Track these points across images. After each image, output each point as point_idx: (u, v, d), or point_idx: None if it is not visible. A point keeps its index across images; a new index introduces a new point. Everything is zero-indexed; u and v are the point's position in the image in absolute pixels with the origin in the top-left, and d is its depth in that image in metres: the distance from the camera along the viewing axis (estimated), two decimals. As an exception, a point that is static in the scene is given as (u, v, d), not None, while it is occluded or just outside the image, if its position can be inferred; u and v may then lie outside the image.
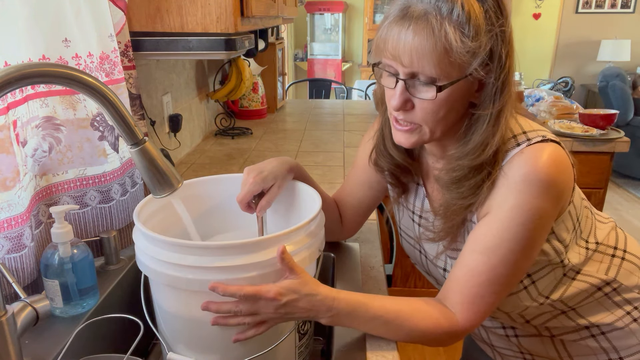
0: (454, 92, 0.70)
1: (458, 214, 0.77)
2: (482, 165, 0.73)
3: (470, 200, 0.75)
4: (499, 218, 0.72)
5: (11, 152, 0.76)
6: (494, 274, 0.73)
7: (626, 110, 4.25)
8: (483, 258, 0.73)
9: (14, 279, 0.70)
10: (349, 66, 5.85)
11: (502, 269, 0.72)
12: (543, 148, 0.71)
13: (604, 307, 0.84)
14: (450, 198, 0.76)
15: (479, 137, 0.72)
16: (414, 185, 0.90)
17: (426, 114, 0.72)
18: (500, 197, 0.72)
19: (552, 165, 0.70)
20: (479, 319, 0.75)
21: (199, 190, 0.91)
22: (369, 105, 2.77)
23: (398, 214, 0.96)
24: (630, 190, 4.17)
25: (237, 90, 2.07)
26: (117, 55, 1.01)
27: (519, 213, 0.71)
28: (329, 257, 1.04)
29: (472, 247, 0.75)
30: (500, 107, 0.71)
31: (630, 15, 5.30)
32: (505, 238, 0.72)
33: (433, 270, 0.91)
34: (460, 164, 0.74)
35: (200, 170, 1.64)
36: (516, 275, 0.74)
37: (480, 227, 0.75)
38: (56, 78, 0.58)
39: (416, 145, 0.77)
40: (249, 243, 0.67)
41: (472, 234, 0.76)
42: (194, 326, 0.71)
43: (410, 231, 0.93)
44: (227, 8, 1.09)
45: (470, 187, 0.74)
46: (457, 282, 0.75)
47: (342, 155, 1.82)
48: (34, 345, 0.74)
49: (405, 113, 0.74)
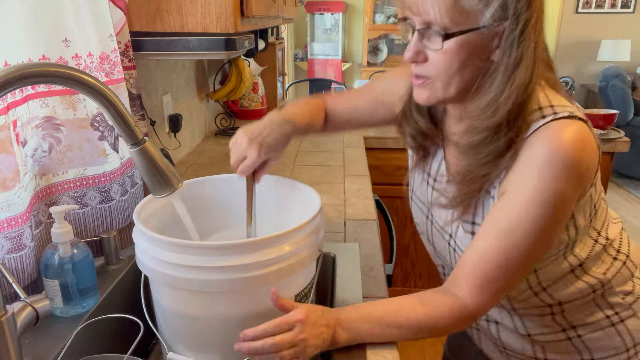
0: (467, 45, 0.68)
1: (475, 182, 0.74)
2: (500, 129, 0.69)
3: (489, 169, 0.72)
4: (516, 199, 0.69)
5: (11, 152, 0.76)
6: (505, 258, 0.70)
7: (626, 111, 4.25)
8: (495, 241, 0.70)
9: (14, 279, 0.71)
10: (349, 66, 5.85)
11: (515, 252, 0.70)
12: (568, 125, 0.68)
13: (588, 308, 0.83)
14: (468, 164, 0.73)
15: (491, 94, 0.69)
16: (434, 148, 0.88)
17: (438, 67, 0.70)
18: (520, 176, 0.69)
19: (577, 143, 0.67)
20: (489, 303, 0.73)
21: (199, 190, 0.91)
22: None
23: (413, 177, 0.95)
24: (630, 190, 4.17)
25: (237, 90, 2.07)
26: (117, 55, 1.01)
27: (539, 194, 0.67)
28: (329, 257, 1.04)
29: (485, 229, 0.73)
30: (515, 60, 0.67)
31: (630, 15, 5.29)
32: (521, 221, 0.69)
33: (438, 241, 0.89)
34: (476, 126, 0.71)
35: (200, 170, 1.64)
36: (530, 260, 0.72)
37: (496, 209, 0.72)
38: (56, 78, 0.58)
39: (431, 102, 0.75)
40: (249, 243, 0.67)
41: (487, 215, 0.74)
42: (194, 326, 0.71)
43: (423, 196, 0.92)
44: (227, 8, 1.09)
45: (489, 154, 0.70)
46: (468, 265, 0.73)
47: (342, 155, 1.82)
48: (34, 345, 0.74)
49: (419, 66, 0.73)
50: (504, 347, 0.91)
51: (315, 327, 0.69)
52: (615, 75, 4.38)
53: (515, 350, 0.89)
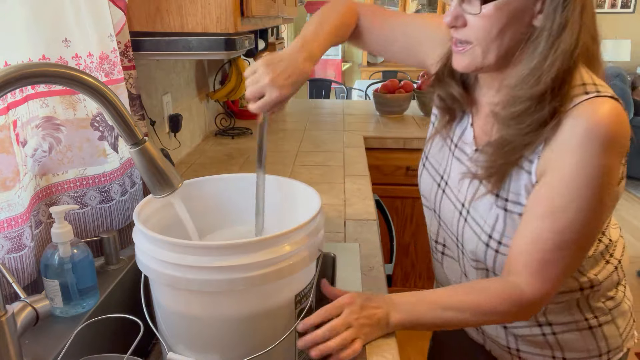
0: (507, 9, 0.67)
1: (514, 152, 0.72)
2: (544, 98, 0.67)
3: (531, 139, 0.70)
4: (562, 177, 0.68)
5: (11, 152, 0.76)
6: (561, 239, 0.69)
7: (626, 110, 4.25)
8: (548, 223, 0.69)
9: (14, 279, 0.70)
10: (349, 66, 5.85)
11: (570, 232, 0.69)
12: (607, 101, 0.68)
13: (569, 308, 0.83)
14: (509, 135, 0.71)
15: (534, 61, 0.67)
16: (461, 114, 0.87)
17: (477, 31, 0.70)
18: (562, 154, 0.68)
19: (615, 118, 0.66)
20: (550, 288, 0.72)
21: (199, 190, 0.91)
22: (369, 105, 2.77)
23: (430, 144, 0.94)
24: (630, 190, 4.17)
25: (237, 90, 2.07)
26: (116, 55, 1.01)
27: (584, 170, 0.67)
28: (329, 257, 1.04)
29: (534, 213, 0.71)
30: (560, 25, 0.65)
31: (630, 15, 5.30)
32: (571, 198, 0.68)
33: (446, 211, 0.88)
34: (517, 96, 0.69)
35: (200, 170, 1.64)
36: (587, 237, 0.71)
37: (541, 190, 0.71)
38: (56, 78, 0.58)
39: (470, 69, 0.74)
40: (249, 243, 0.67)
41: (532, 198, 0.72)
42: (194, 326, 0.71)
43: (440, 162, 0.91)
44: (227, 8, 1.09)
45: (531, 124, 0.69)
46: (522, 252, 0.72)
47: (342, 155, 1.82)
48: (34, 345, 0.74)
49: (458, 31, 0.72)
50: (482, 329, 0.92)
51: (364, 309, 0.73)
52: (615, 75, 4.37)
53: (489, 336, 0.91)
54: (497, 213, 0.77)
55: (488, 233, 0.78)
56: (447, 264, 0.95)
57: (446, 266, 0.95)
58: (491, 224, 0.78)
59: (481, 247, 0.80)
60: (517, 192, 0.75)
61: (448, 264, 0.94)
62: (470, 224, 0.82)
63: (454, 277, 0.93)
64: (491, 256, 0.79)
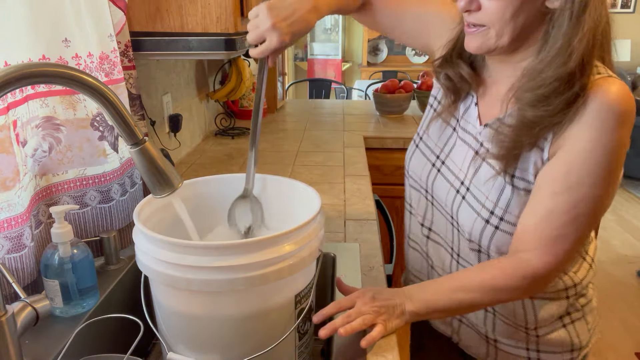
0: None
1: (541, 132, 0.73)
2: (573, 76, 0.68)
3: (559, 118, 0.71)
4: (578, 152, 0.70)
5: (11, 152, 0.76)
6: (575, 213, 0.71)
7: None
8: (564, 197, 0.71)
9: (14, 279, 0.70)
10: (349, 66, 5.85)
11: (584, 207, 0.71)
12: (614, 80, 0.71)
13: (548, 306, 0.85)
14: (535, 116, 0.72)
15: (560, 39, 0.68)
16: (465, 94, 0.89)
17: (492, 14, 0.72)
18: (573, 131, 0.70)
19: (627, 95, 0.69)
20: (560, 262, 0.73)
21: (199, 190, 0.91)
22: (369, 105, 2.77)
23: (427, 125, 0.96)
24: (630, 190, 4.17)
25: (237, 90, 2.07)
26: (116, 55, 1.01)
27: (601, 144, 0.69)
28: (329, 257, 1.04)
29: (548, 190, 0.73)
30: (581, 4, 0.67)
31: (630, 15, 5.29)
32: (587, 172, 0.70)
33: (440, 189, 0.89)
34: (545, 77, 0.70)
35: (200, 170, 1.64)
36: (598, 213, 0.73)
37: (554, 166, 0.72)
38: (56, 78, 0.58)
39: (483, 50, 0.76)
40: (249, 243, 0.67)
41: (545, 175, 0.74)
42: (194, 326, 0.71)
43: (434, 143, 0.93)
44: (227, 8, 1.09)
45: (560, 104, 0.70)
46: (533, 228, 0.74)
47: (342, 155, 1.82)
48: (34, 345, 0.74)
49: (472, 15, 0.74)
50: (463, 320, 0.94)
51: (376, 300, 0.75)
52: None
53: (469, 318, 0.92)
54: (501, 189, 0.78)
55: (490, 209, 0.79)
56: (432, 250, 0.95)
57: (431, 253, 0.96)
58: (494, 200, 0.79)
59: (479, 224, 0.80)
60: (525, 169, 0.76)
61: (434, 249, 0.95)
62: (469, 201, 0.83)
63: (439, 263, 0.94)
64: (489, 234, 0.80)
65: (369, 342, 0.71)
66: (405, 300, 0.77)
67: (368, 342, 0.71)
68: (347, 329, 0.71)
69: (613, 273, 2.93)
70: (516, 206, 0.77)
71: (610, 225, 3.49)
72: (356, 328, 0.71)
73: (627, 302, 2.67)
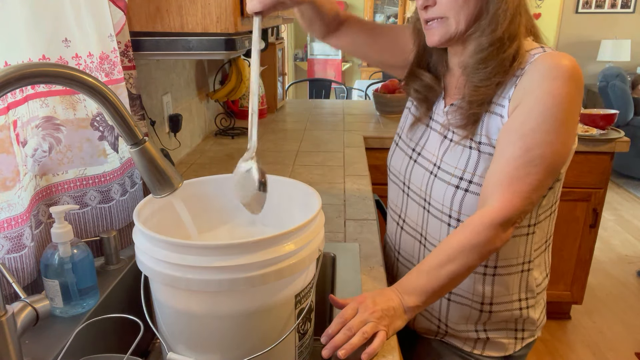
0: None
1: (487, 94, 0.82)
2: (503, 42, 0.80)
3: (500, 78, 0.81)
4: (531, 105, 0.78)
5: (11, 152, 0.76)
6: (529, 156, 0.77)
7: (626, 110, 4.24)
8: (518, 143, 0.78)
9: (14, 279, 0.70)
10: (349, 66, 5.85)
11: (538, 149, 0.77)
12: (568, 55, 0.79)
13: (512, 282, 0.91)
14: (479, 80, 0.83)
15: (491, 11, 0.80)
16: (434, 100, 0.98)
17: (446, 4, 0.81)
18: (529, 89, 0.78)
19: (574, 63, 0.78)
20: (518, 203, 0.77)
21: (199, 190, 0.91)
22: (369, 105, 2.77)
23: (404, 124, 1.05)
24: (630, 190, 4.17)
25: (237, 90, 2.07)
26: (116, 55, 1.01)
27: (551, 95, 0.76)
28: (329, 257, 1.04)
29: (506, 140, 0.80)
30: None
31: (630, 15, 5.30)
32: (541, 120, 0.77)
33: (416, 175, 0.97)
34: (482, 43, 0.81)
35: (200, 170, 1.64)
36: (553, 160, 0.78)
37: (510, 122, 0.80)
38: (56, 78, 0.58)
39: (444, 40, 0.85)
40: (249, 243, 0.67)
41: (503, 131, 0.81)
42: (194, 326, 0.71)
43: (409, 139, 1.02)
44: (227, 8, 1.09)
45: (496, 66, 0.81)
46: (493, 174, 0.80)
47: (342, 155, 1.82)
48: (34, 345, 0.74)
49: (429, 10, 0.83)
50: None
51: (377, 303, 0.76)
52: (615, 75, 4.37)
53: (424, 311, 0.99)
54: (468, 155, 0.86)
55: (459, 176, 0.86)
56: (404, 241, 1.02)
57: (402, 246, 1.03)
58: (462, 167, 0.87)
59: (450, 191, 0.88)
60: (489, 136, 0.84)
61: (405, 239, 1.02)
62: (440, 176, 0.91)
63: (409, 251, 1.01)
64: (459, 198, 0.87)
65: (370, 355, 0.72)
66: (401, 296, 0.78)
67: (369, 355, 0.72)
68: (347, 349, 0.71)
69: (613, 273, 2.94)
70: (484, 169, 0.84)
71: (610, 225, 3.50)
72: (356, 345, 0.72)
73: (627, 302, 2.67)
